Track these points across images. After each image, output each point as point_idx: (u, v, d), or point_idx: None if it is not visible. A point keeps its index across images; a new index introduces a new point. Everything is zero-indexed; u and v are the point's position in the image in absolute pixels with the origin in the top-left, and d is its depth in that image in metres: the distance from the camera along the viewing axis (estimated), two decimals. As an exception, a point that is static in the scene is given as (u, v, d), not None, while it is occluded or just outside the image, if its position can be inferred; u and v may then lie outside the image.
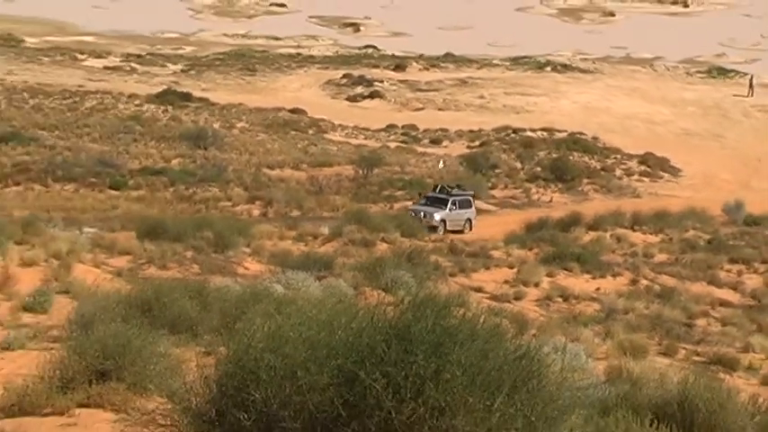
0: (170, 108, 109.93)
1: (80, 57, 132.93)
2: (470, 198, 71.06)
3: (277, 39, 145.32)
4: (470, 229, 67.80)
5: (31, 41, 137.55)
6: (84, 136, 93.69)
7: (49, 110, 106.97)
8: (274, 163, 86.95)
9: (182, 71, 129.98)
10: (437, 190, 71.35)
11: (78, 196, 72.85)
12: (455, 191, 71.06)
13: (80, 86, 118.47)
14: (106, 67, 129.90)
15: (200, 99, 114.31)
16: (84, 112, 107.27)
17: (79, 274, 34.32)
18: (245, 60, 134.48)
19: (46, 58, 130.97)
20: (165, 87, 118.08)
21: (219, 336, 21.56)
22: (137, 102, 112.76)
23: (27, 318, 27.95)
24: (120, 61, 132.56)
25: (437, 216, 66.03)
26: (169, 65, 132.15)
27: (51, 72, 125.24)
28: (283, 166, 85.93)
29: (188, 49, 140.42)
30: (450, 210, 67.87)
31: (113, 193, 74.27)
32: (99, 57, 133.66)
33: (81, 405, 16.36)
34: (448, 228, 66.26)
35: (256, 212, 70.71)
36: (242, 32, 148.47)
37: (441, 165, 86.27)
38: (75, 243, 41.02)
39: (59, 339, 22.81)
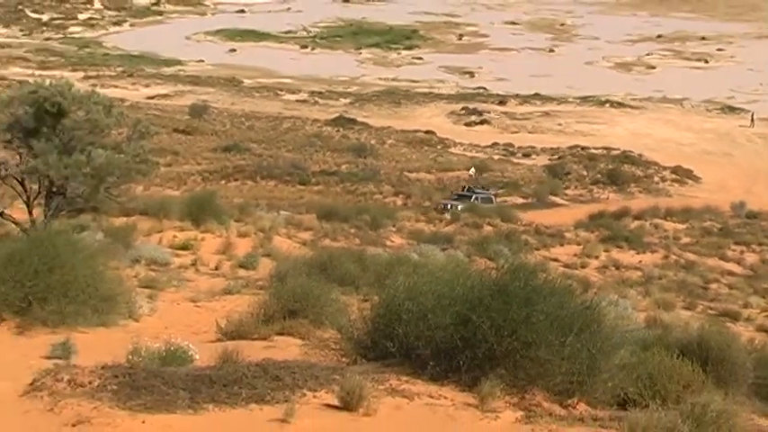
0: (341, 129, 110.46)
1: (280, 93, 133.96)
2: (491, 196, 69.10)
3: (416, 81, 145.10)
4: None
5: (247, 82, 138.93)
6: (282, 147, 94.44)
7: (258, 129, 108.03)
8: (412, 168, 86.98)
9: (349, 103, 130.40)
10: (464, 190, 70.06)
11: (277, 189, 73.46)
12: (477, 190, 69.40)
13: (279, 113, 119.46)
14: (298, 100, 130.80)
15: (362, 123, 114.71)
16: (282, 131, 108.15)
17: (277, 243, 34.62)
18: (394, 96, 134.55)
19: (257, 94, 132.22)
20: (337, 114, 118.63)
21: (373, 288, 21.68)
22: (318, 124, 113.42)
23: (242, 272, 28.25)
24: (307, 96, 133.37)
25: (460, 207, 62.48)
26: (341, 99, 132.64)
27: (260, 103, 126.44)
28: (419, 171, 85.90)
29: (354, 88, 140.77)
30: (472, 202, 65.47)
31: (301, 187, 74.73)
32: (293, 93, 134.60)
33: (278, 333, 16.47)
34: None
35: (399, 203, 70.71)
36: (392, 77, 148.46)
37: (472, 172, 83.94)
38: (274, 221, 41.34)
39: (263, 288, 23.01)
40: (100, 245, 23.40)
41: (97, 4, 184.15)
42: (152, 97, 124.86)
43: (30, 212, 29.53)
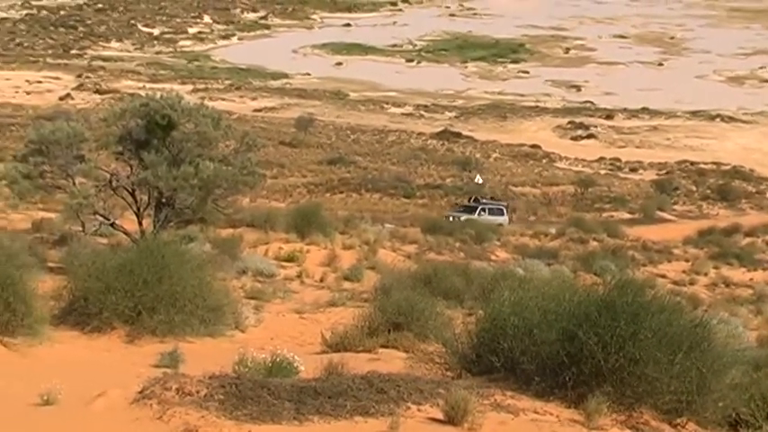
0: (446, 142, 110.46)
1: (385, 106, 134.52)
2: (503, 207, 63.42)
3: (522, 95, 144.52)
4: None
5: (353, 95, 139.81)
6: (387, 161, 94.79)
7: (364, 142, 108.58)
8: (517, 182, 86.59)
9: (455, 117, 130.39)
10: (471, 200, 65.26)
11: (381, 202, 73.71)
12: (484, 201, 64.38)
13: (384, 126, 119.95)
14: (403, 114, 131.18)
15: (467, 137, 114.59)
16: (387, 144, 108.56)
17: (381, 255, 34.71)
18: (499, 110, 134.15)
19: (362, 107, 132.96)
20: (442, 128, 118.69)
21: (478, 302, 21.60)
22: (423, 138, 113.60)
23: (346, 284, 28.40)
24: (413, 109, 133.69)
25: (462, 218, 57.40)
26: (446, 112, 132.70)
27: (365, 116, 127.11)
28: (524, 185, 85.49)
29: (459, 102, 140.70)
30: (478, 215, 59.47)
31: (405, 200, 74.89)
32: (398, 106, 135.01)
33: (382, 346, 16.51)
34: None
35: (504, 217, 70.35)
36: (497, 90, 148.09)
37: (478, 180, 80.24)
38: (378, 234, 41.49)
39: (368, 300, 23.10)
40: (207, 256, 23.71)
41: (207, 19, 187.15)
42: (259, 110, 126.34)
43: (140, 223, 30.12)
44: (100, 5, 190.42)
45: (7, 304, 14.43)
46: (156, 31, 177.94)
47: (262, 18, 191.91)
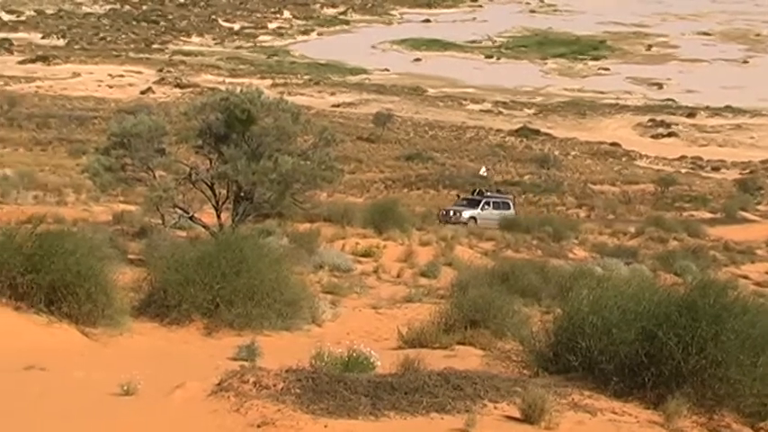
0: (524, 139, 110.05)
1: (464, 102, 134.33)
2: (509, 201, 57.31)
3: (602, 92, 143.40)
4: None
5: (431, 91, 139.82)
6: (464, 157, 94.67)
7: (442, 138, 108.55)
8: (596, 180, 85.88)
9: (533, 114, 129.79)
10: (474, 193, 59.49)
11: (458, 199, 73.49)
12: (488, 194, 58.55)
13: (463, 123, 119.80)
14: (481, 110, 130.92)
15: (546, 134, 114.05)
16: (465, 140, 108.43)
17: (458, 252, 34.63)
18: (579, 107, 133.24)
19: (441, 103, 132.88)
20: (521, 125, 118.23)
21: (555, 300, 21.47)
22: (501, 134, 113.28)
23: (423, 281, 28.38)
24: (491, 106, 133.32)
25: (465, 214, 52.69)
26: (525, 109, 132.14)
27: (444, 113, 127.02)
28: (603, 183, 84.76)
29: (538, 99, 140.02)
30: (482, 209, 54.51)
31: (483, 197, 74.55)
32: (477, 102, 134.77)
33: (459, 343, 16.47)
34: (481, 225, 50.97)
35: (582, 215, 69.85)
36: (577, 87, 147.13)
37: (483, 172, 76.22)
38: (456, 231, 41.43)
39: (444, 297, 23.07)
40: (285, 250, 23.84)
41: (286, 14, 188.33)
42: (337, 105, 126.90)
43: (218, 216, 30.41)
44: (182, 0, 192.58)
45: (89, 295, 14.64)
46: (236, 26, 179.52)
47: (341, 13, 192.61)
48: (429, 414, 10.62)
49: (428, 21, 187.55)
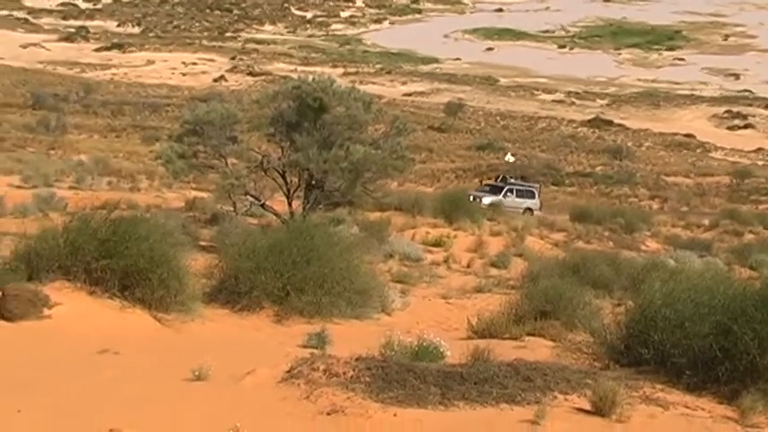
0: (597, 130, 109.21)
1: (536, 92, 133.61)
2: (534, 190, 55.23)
3: (677, 83, 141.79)
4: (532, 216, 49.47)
5: (503, 81, 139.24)
6: (536, 148, 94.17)
7: (513, 128, 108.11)
8: (670, 172, 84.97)
9: (606, 104, 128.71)
10: (497, 180, 57.55)
11: (530, 189, 73.12)
12: (512, 181, 56.36)
13: (535, 113, 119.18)
14: (554, 101, 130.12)
15: (619, 125, 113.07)
16: (537, 131, 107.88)
17: (529, 243, 34.48)
18: (653, 98, 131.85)
19: (513, 93, 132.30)
20: (593, 116, 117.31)
21: (627, 293, 21.28)
22: (574, 125, 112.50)
23: (493, 271, 28.31)
24: (564, 96, 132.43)
25: (486, 200, 50.06)
26: (598, 100, 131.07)
27: (515, 103, 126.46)
28: (676, 175, 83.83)
29: (611, 89, 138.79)
30: (504, 196, 52.29)
31: (554, 188, 74.19)
32: (549, 93, 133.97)
33: (529, 334, 16.38)
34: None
35: (655, 206, 69.14)
36: (651, 78, 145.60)
37: (509, 158, 73.11)
38: (527, 221, 41.27)
39: (514, 287, 22.99)
40: (355, 239, 23.88)
41: (359, 2, 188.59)
42: (409, 94, 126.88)
43: (289, 204, 30.58)
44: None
45: (161, 281, 14.78)
46: (308, 15, 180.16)
47: (414, 2, 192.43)
48: (498, 405, 10.59)
49: (501, 10, 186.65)
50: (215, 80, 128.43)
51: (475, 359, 12.07)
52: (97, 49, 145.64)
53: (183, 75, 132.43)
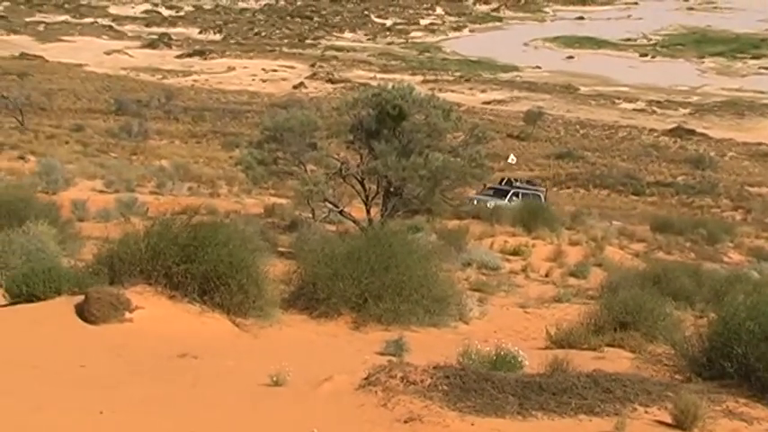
0: (678, 139, 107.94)
1: (616, 101, 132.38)
2: (540, 193, 50.68)
3: (762, 92, 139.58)
4: None
5: (583, 90, 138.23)
6: (616, 157, 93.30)
7: (593, 137, 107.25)
8: (754, 182, 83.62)
9: (689, 113, 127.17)
10: (502, 183, 52.33)
11: (609, 199, 72.56)
12: (518, 183, 51.85)
13: (615, 122, 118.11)
14: (635, 109, 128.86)
15: (701, 134, 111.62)
16: (617, 140, 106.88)
17: (608, 253, 34.17)
18: (737, 107, 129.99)
19: (593, 102, 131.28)
20: (675, 125, 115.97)
21: (709, 305, 20.99)
22: (655, 134, 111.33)
23: (572, 281, 28.12)
24: (645, 105, 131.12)
25: (490, 204, 45.37)
26: (680, 108, 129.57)
27: (595, 111, 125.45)
28: (761, 185, 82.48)
29: (694, 98, 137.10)
30: (509, 200, 47.45)
31: (634, 197, 73.45)
32: (630, 101, 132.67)
33: (608, 345, 16.24)
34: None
35: (738, 218, 68.05)
36: (735, 87, 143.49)
37: (511, 160, 68.87)
38: (606, 231, 40.91)
39: (594, 297, 22.81)
40: (433, 246, 23.88)
41: (439, 10, 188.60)
42: (488, 102, 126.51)
43: (368, 211, 30.65)
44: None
45: (240, 286, 14.90)
46: (388, 22, 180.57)
47: (494, 10, 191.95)
48: (577, 416, 10.49)
49: (581, 18, 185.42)
50: (295, 87, 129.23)
51: (553, 369, 11.98)
52: (179, 56, 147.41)
53: (263, 81, 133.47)
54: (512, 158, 66.32)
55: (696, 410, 10.39)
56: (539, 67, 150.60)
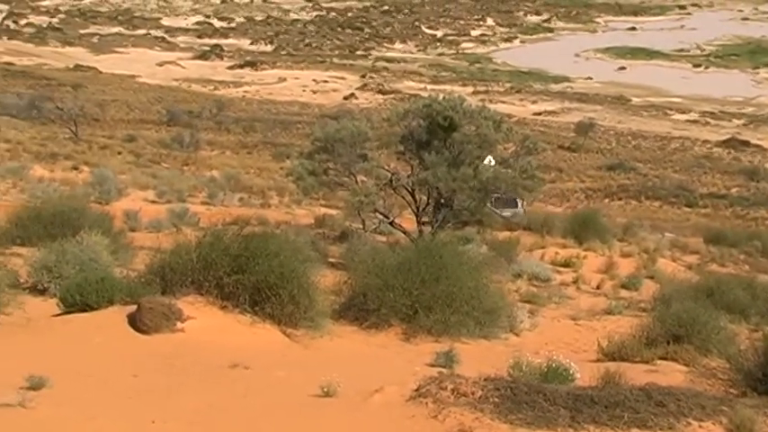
0: (732, 151, 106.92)
1: (669, 112, 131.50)
2: (516, 198, 41.90)
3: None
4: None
5: (635, 101, 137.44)
6: (668, 168, 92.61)
7: (645, 148, 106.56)
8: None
9: (743, 125, 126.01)
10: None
11: (662, 210, 72.01)
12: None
13: (667, 133, 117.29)
14: (687, 121, 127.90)
15: (756, 146, 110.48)
16: (669, 151, 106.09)
17: (661, 265, 33.91)
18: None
19: (645, 113, 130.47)
20: (729, 136, 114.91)
21: (765, 318, 20.76)
22: (708, 146, 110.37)
23: (624, 293, 27.91)
24: (698, 116, 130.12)
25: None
26: (734, 120, 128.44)
27: (648, 122, 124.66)
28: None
29: (749, 110, 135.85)
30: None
31: (687, 209, 72.85)
32: (683, 112, 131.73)
33: (661, 358, 16.09)
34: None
35: (793, 230, 67.24)
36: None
37: (489, 160, 65.63)
38: (658, 243, 40.59)
39: (646, 310, 22.63)
40: (484, 258, 23.80)
41: (489, 21, 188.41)
42: (539, 113, 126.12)
43: (418, 222, 30.63)
44: (386, 7, 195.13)
45: (291, 297, 14.93)
46: (439, 33, 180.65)
47: (545, 21, 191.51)
48: (630, 429, 10.41)
49: (634, 29, 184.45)
50: (345, 98, 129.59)
51: (605, 382, 11.90)
52: (230, 67, 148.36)
53: (314, 92, 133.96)
54: (489, 160, 63.15)
55: (752, 426, 10.27)
56: (590, 78, 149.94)
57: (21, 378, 11.06)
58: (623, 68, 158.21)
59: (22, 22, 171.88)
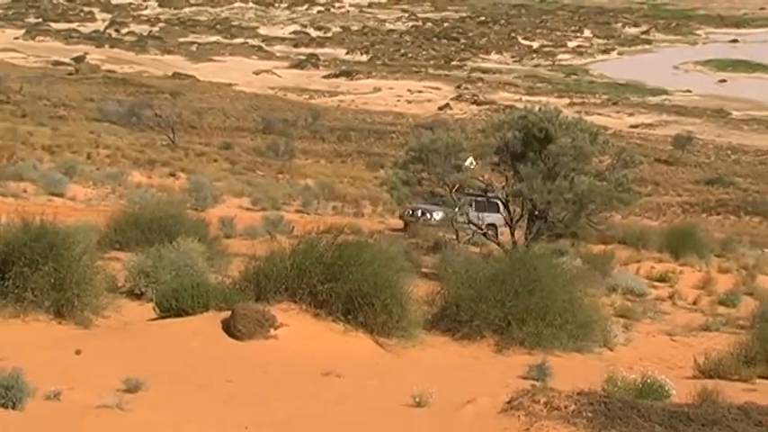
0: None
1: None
2: (498, 202, 35.42)
3: None
4: (496, 236, 34.26)
5: (736, 114, 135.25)
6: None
7: (745, 163, 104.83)
8: None
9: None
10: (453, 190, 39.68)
11: (762, 226, 70.66)
12: (469, 191, 36.49)
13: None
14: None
15: None
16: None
17: (761, 282, 33.23)
18: None
19: (746, 127, 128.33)
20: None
21: None
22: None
23: (721, 309, 27.45)
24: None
25: (437, 216, 36.87)
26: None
27: (749, 136, 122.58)
28: None
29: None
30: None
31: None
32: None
33: (760, 377, 15.80)
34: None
35: None
36: None
37: (469, 162, 61.40)
38: (758, 259, 39.81)
39: (744, 327, 22.24)
40: (578, 271, 23.62)
41: (587, 33, 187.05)
42: (635, 126, 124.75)
43: (512, 234, 30.53)
44: (482, 18, 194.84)
45: (384, 306, 14.99)
46: (535, 44, 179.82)
47: (643, 33, 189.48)
48: (729, 448, 10.25)
49: (735, 41, 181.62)
50: (440, 108, 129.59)
51: (702, 400, 11.72)
52: (326, 76, 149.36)
53: (409, 102, 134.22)
54: (470, 161, 59.92)
55: None
56: (689, 91, 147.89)
57: (118, 380, 11.27)
58: (724, 81, 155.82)
59: (124, 30, 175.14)
